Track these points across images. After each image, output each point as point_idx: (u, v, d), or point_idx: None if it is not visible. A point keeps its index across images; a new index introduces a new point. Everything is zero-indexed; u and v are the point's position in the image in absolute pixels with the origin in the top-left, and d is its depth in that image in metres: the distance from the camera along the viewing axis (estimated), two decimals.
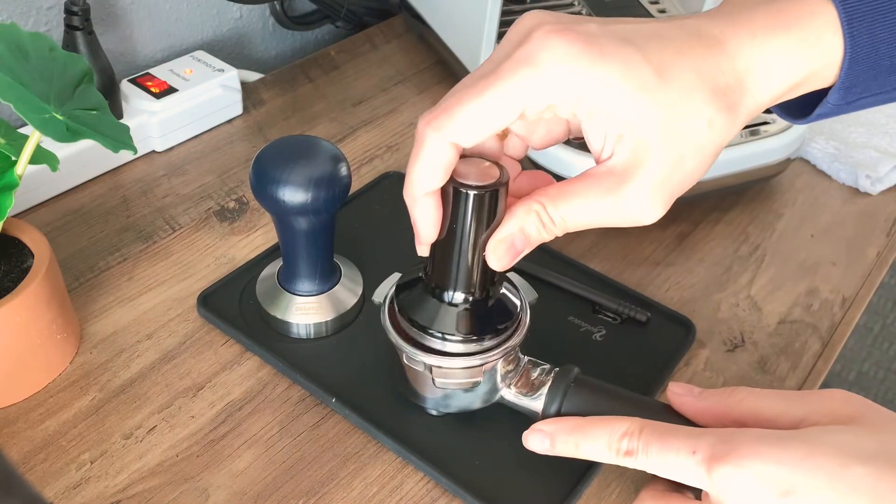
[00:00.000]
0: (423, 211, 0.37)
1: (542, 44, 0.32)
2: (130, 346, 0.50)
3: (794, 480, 0.33)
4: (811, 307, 0.56)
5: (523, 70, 0.32)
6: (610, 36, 0.33)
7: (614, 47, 0.33)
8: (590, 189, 0.34)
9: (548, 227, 0.36)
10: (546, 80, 0.32)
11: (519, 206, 0.36)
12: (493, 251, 0.37)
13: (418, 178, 0.35)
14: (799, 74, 0.35)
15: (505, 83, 0.32)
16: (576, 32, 0.33)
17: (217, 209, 0.61)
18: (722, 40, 0.34)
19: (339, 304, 0.50)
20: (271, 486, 0.43)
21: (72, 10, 0.58)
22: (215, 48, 0.79)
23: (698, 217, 0.63)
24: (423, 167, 0.35)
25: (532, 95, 0.33)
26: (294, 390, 0.48)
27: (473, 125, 0.33)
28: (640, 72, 0.32)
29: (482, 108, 0.33)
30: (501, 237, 0.37)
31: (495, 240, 0.37)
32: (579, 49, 0.32)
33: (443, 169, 0.35)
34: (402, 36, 0.84)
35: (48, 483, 0.43)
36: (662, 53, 0.33)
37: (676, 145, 0.33)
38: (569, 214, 0.35)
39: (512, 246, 0.37)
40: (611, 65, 0.32)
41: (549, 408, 0.42)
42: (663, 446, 0.37)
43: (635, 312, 0.52)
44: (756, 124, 0.62)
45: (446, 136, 0.34)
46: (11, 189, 0.43)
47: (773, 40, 0.34)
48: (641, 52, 0.33)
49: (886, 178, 0.66)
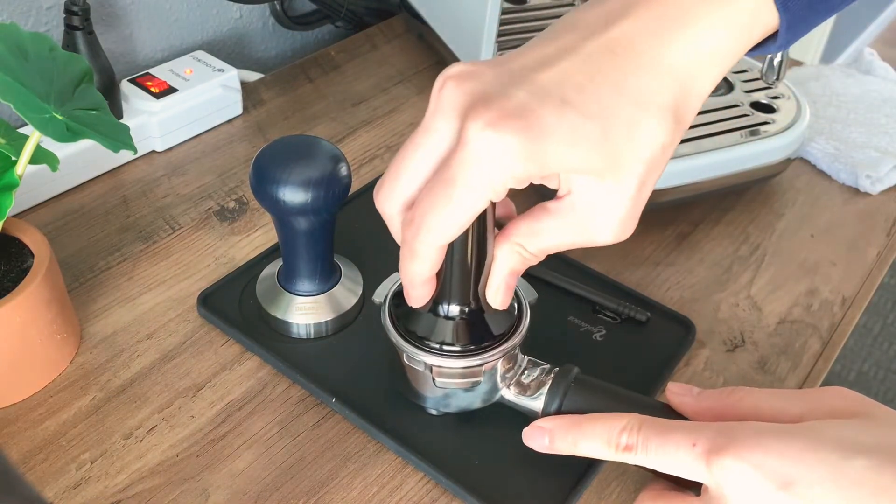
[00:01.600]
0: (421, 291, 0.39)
1: (480, 145, 0.32)
2: (130, 346, 0.50)
3: (795, 473, 0.33)
4: (811, 307, 0.56)
5: (473, 176, 0.32)
6: (542, 99, 0.32)
7: (551, 116, 0.32)
8: (560, 226, 0.35)
9: (528, 260, 0.38)
10: (495, 179, 0.33)
11: (500, 248, 0.37)
12: (495, 295, 0.39)
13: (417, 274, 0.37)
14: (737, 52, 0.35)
15: (463, 191, 0.33)
16: (509, 117, 0.32)
17: (217, 209, 0.61)
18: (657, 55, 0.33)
19: (339, 304, 0.50)
20: (271, 486, 0.43)
21: (72, 10, 0.58)
22: (215, 48, 0.79)
23: (698, 217, 0.63)
24: (421, 268, 0.37)
25: (488, 194, 0.33)
26: (294, 390, 0.48)
27: (452, 230, 0.34)
28: (582, 133, 0.32)
29: (452, 215, 0.34)
30: (499, 282, 0.38)
31: (495, 285, 0.39)
32: (516, 140, 0.32)
33: (435, 263, 0.36)
34: (402, 36, 0.84)
35: (48, 483, 0.43)
36: (600, 97, 0.32)
37: (635, 173, 0.34)
38: (545, 246, 0.37)
39: (508, 286, 0.39)
40: (552, 141, 0.32)
41: (549, 407, 0.42)
42: (663, 440, 0.37)
43: (635, 312, 0.52)
44: (756, 124, 0.62)
45: (434, 245, 0.35)
46: (11, 189, 0.43)
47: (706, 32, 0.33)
48: (578, 109, 0.32)
49: (886, 178, 0.66)
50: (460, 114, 0.33)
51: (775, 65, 0.58)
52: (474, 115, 0.32)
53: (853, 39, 1.93)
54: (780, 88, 0.66)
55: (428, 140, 0.35)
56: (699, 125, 0.61)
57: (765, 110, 0.64)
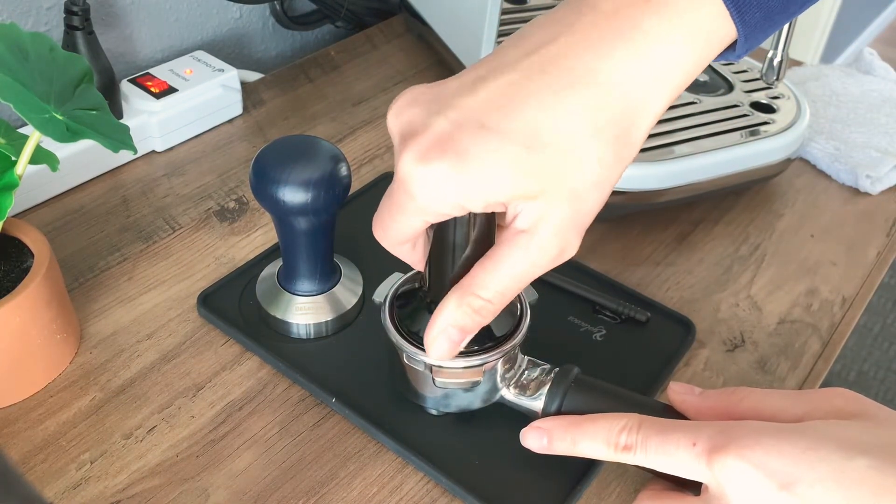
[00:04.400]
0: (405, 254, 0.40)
1: (410, 178, 0.33)
2: (130, 346, 0.50)
3: (796, 472, 0.33)
4: (811, 307, 0.56)
5: (407, 203, 0.34)
6: (462, 126, 0.32)
7: (470, 143, 0.32)
8: (508, 254, 0.35)
9: (484, 312, 0.37)
10: (428, 206, 0.34)
11: (450, 301, 0.37)
12: (432, 347, 0.38)
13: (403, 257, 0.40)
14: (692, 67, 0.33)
15: (400, 213, 0.35)
16: (433, 148, 0.32)
17: (217, 209, 0.61)
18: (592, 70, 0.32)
19: (339, 304, 0.50)
20: (271, 486, 0.43)
21: (72, 10, 0.58)
22: (215, 48, 0.79)
23: (698, 217, 0.63)
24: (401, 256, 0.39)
25: (425, 218, 0.35)
26: (294, 390, 0.48)
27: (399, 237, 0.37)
28: (507, 155, 0.32)
29: (399, 228, 0.36)
30: (435, 335, 0.37)
31: (431, 336, 0.38)
32: (442, 169, 0.32)
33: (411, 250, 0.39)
34: (402, 36, 0.84)
35: (48, 483, 0.43)
36: (522, 118, 0.32)
37: (572, 192, 0.33)
38: (500, 287, 0.36)
39: (451, 341, 0.38)
40: (477, 166, 0.32)
41: (549, 407, 0.42)
42: (662, 440, 0.37)
43: (635, 312, 0.52)
44: (756, 124, 0.62)
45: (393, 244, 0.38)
46: (11, 189, 0.43)
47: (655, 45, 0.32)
48: (497, 132, 0.32)
49: (886, 178, 0.66)
50: (398, 140, 0.34)
51: (775, 65, 0.58)
52: (404, 147, 0.33)
53: (853, 39, 1.93)
54: (780, 88, 0.66)
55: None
56: (699, 125, 0.61)
57: (765, 110, 0.64)
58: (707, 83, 0.66)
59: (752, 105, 0.64)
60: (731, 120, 0.62)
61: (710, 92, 0.65)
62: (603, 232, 0.60)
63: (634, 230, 0.61)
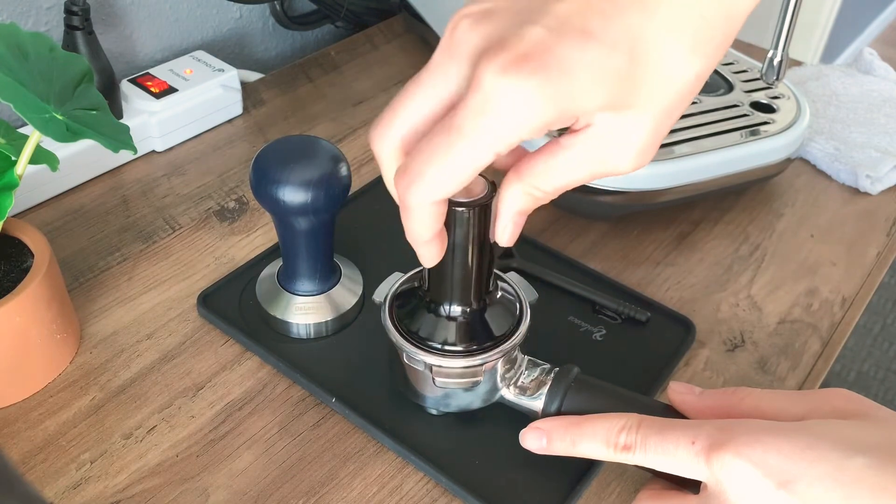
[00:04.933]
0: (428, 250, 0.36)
1: (497, 91, 0.29)
2: (130, 346, 0.50)
3: (795, 470, 0.33)
4: (811, 307, 0.56)
5: (485, 124, 0.30)
6: (562, 33, 0.29)
7: (572, 51, 0.29)
8: (577, 160, 0.32)
9: (540, 198, 0.34)
10: (511, 128, 0.30)
11: (510, 188, 0.34)
12: (503, 233, 0.35)
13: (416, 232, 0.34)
14: None
15: (470, 141, 0.30)
16: (526, 59, 0.29)
17: (217, 209, 0.61)
18: None
19: (339, 304, 0.50)
20: (271, 486, 0.43)
21: (72, 10, 0.58)
22: (215, 48, 0.79)
23: (698, 217, 0.63)
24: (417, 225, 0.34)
25: (500, 145, 0.30)
26: (294, 390, 0.48)
27: (448, 184, 0.32)
28: (610, 67, 0.29)
29: (453, 168, 0.31)
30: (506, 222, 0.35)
31: (502, 225, 0.35)
32: (537, 83, 0.29)
33: (436, 221, 0.34)
34: (402, 36, 0.84)
35: (48, 483, 0.43)
36: (628, 25, 0.29)
37: (662, 103, 0.31)
38: (562, 183, 0.33)
39: (517, 225, 0.35)
40: (577, 80, 0.29)
41: (549, 407, 0.42)
42: (661, 439, 0.37)
43: (635, 312, 0.52)
44: (756, 124, 0.62)
45: (428, 199, 0.32)
46: (11, 189, 0.43)
47: None
48: (602, 39, 0.29)
49: (886, 178, 0.66)
50: (473, 56, 0.30)
51: (775, 65, 0.58)
52: (488, 58, 0.29)
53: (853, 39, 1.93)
54: (780, 88, 0.66)
55: (435, 80, 0.32)
56: (699, 125, 0.61)
57: (765, 110, 0.64)
58: (707, 83, 0.66)
59: (752, 105, 0.64)
60: (731, 120, 0.62)
61: (710, 92, 0.65)
62: (603, 232, 0.60)
63: (634, 230, 0.61)
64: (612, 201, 0.58)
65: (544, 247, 0.57)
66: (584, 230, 0.60)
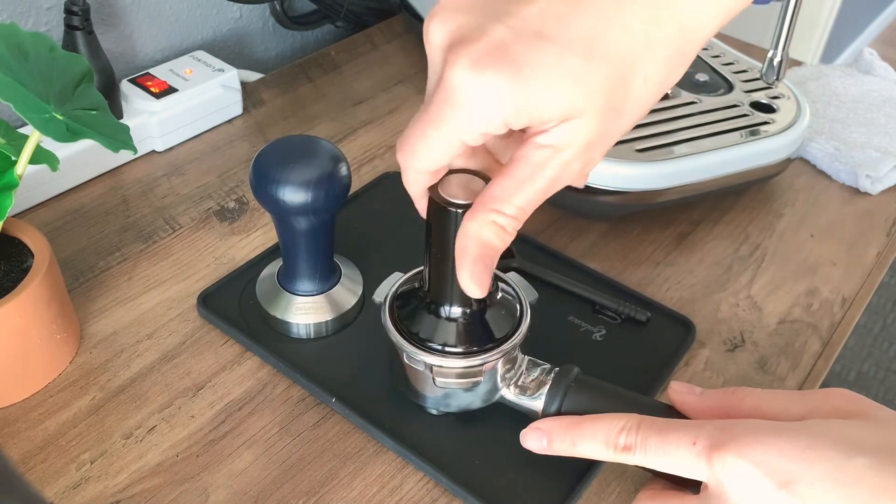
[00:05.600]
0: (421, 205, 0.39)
1: (459, 84, 0.31)
2: (130, 346, 0.50)
3: (796, 471, 0.33)
4: (811, 307, 0.56)
5: (449, 113, 0.32)
6: (520, 34, 0.30)
7: (531, 54, 0.30)
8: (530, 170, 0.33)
9: (509, 227, 0.34)
10: (472, 119, 0.32)
11: (470, 222, 0.34)
12: (468, 279, 0.35)
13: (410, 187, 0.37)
14: None
15: (436, 127, 0.33)
16: (488, 56, 0.30)
17: (217, 209, 0.61)
18: None
19: (339, 304, 0.50)
20: (271, 486, 0.43)
21: (72, 10, 0.58)
22: (215, 48, 0.79)
23: (698, 217, 0.63)
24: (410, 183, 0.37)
25: (464, 133, 0.32)
26: (294, 390, 0.48)
27: (427, 160, 0.35)
28: (566, 67, 0.30)
29: (427, 147, 0.34)
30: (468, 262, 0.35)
31: (466, 269, 0.35)
32: (497, 79, 0.30)
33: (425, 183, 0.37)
34: (402, 36, 0.84)
35: (48, 483, 0.43)
36: (584, 27, 0.31)
37: (611, 109, 0.32)
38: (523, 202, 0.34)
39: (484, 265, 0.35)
40: (534, 78, 0.30)
41: (549, 407, 0.42)
42: (662, 439, 0.37)
43: (635, 312, 0.52)
44: (756, 124, 0.62)
45: (413, 169, 0.36)
46: (11, 189, 0.43)
47: None
48: (557, 42, 0.30)
49: (886, 178, 0.66)
50: (442, 50, 0.32)
51: (775, 65, 0.58)
52: (455, 53, 0.31)
53: (853, 39, 1.93)
54: (780, 88, 0.66)
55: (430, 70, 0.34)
56: (699, 125, 0.61)
57: (765, 110, 0.64)
58: (707, 83, 0.66)
59: (752, 105, 0.64)
60: (731, 120, 0.62)
61: (710, 92, 0.65)
62: (603, 232, 0.60)
63: (634, 230, 0.61)
64: (612, 201, 0.58)
65: (544, 247, 0.57)
66: (584, 230, 0.60)
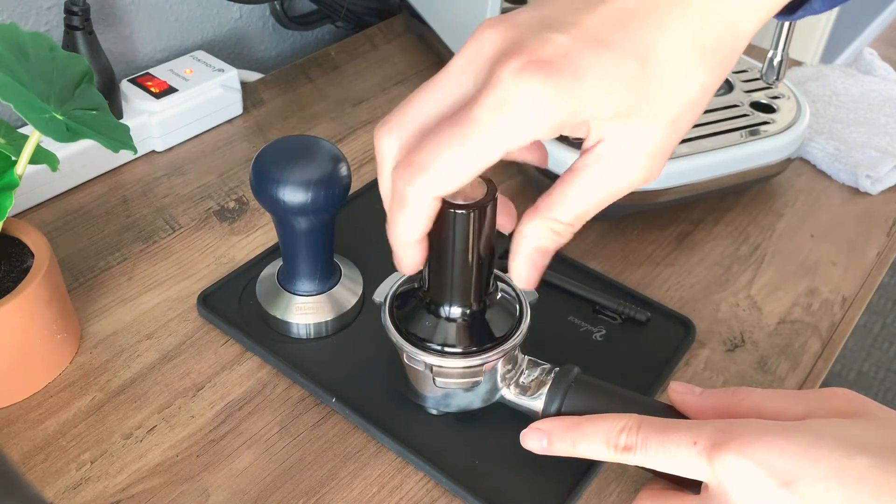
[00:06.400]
0: (410, 255, 0.36)
1: (512, 87, 0.30)
2: (130, 346, 0.50)
3: (797, 470, 0.33)
4: (811, 307, 0.56)
5: (498, 119, 0.31)
6: (578, 41, 0.31)
7: (587, 57, 0.31)
8: (591, 180, 0.33)
9: (563, 233, 0.35)
10: (523, 126, 0.31)
11: (528, 224, 0.35)
12: (518, 274, 0.36)
13: (404, 231, 0.35)
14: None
15: (481, 135, 0.31)
16: (543, 61, 0.30)
17: (217, 209, 0.61)
18: None
19: (339, 304, 0.50)
20: (271, 486, 0.43)
21: (72, 10, 0.58)
22: (215, 48, 0.79)
23: (698, 217, 0.63)
24: (409, 222, 0.34)
25: (511, 142, 0.31)
26: (294, 390, 0.48)
27: (454, 178, 0.32)
28: (620, 73, 0.31)
29: (461, 161, 0.32)
30: (521, 260, 0.35)
31: (517, 262, 0.35)
32: (551, 83, 0.30)
33: (428, 219, 0.34)
34: (402, 36, 0.84)
35: (48, 483, 0.43)
36: (639, 36, 0.31)
37: (669, 113, 0.33)
38: (580, 210, 0.34)
39: (534, 265, 0.36)
40: (588, 84, 0.31)
41: (549, 407, 0.42)
42: (663, 439, 0.37)
43: (635, 312, 0.52)
44: (756, 124, 0.62)
45: (429, 193, 0.33)
46: (11, 189, 0.43)
47: None
48: (615, 48, 0.31)
49: (886, 178, 0.66)
50: (493, 59, 0.32)
51: (775, 65, 0.58)
52: (509, 58, 0.31)
53: (853, 39, 1.93)
54: (780, 88, 0.66)
55: (450, 82, 0.33)
56: (699, 125, 0.61)
57: (765, 110, 0.64)
58: None
59: (752, 105, 0.64)
60: (731, 120, 0.62)
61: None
62: (603, 232, 0.60)
63: (634, 230, 0.61)
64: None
65: None
66: (584, 230, 0.60)
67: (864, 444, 0.34)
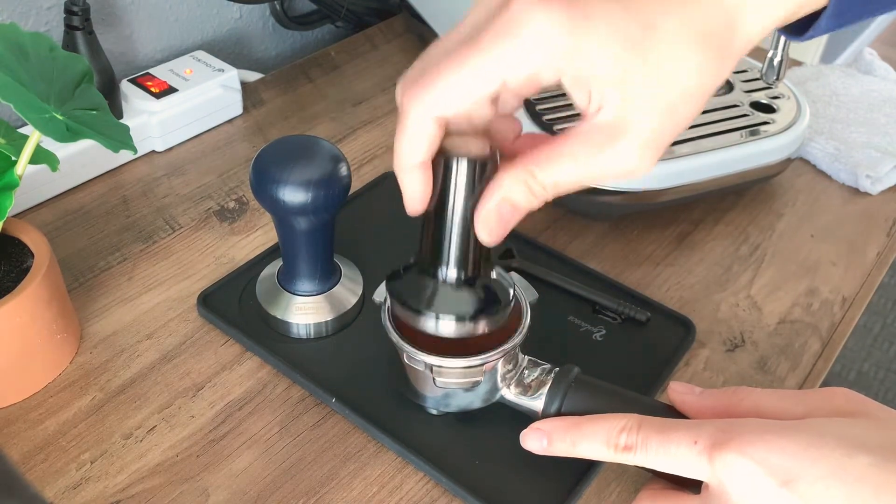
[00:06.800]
0: (412, 181, 0.36)
1: (524, 14, 0.31)
2: (130, 346, 0.50)
3: (798, 469, 0.33)
4: (811, 307, 0.56)
5: (504, 42, 0.31)
6: None
7: (600, 7, 0.31)
8: (580, 148, 0.33)
9: (537, 194, 0.35)
10: (527, 51, 0.31)
11: (505, 174, 0.34)
12: (483, 223, 0.36)
13: (405, 152, 0.35)
14: (790, 7, 0.34)
15: (485, 55, 0.31)
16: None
17: (217, 209, 0.61)
18: None
19: (339, 304, 0.50)
20: (271, 486, 0.43)
21: (72, 10, 0.58)
22: (215, 48, 0.79)
23: (698, 217, 0.63)
24: (409, 141, 0.34)
25: (513, 67, 0.32)
26: (294, 390, 0.48)
27: (454, 98, 0.33)
28: (624, 29, 0.31)
29: (462, 80, 0.32)
30: (490, 208, 0.35)
31: (484, 209, 0.35)
32: (561, 17, 0.31)
33: (428, 141, 0.34)
34: (402, 36, 0.84)
35: (48, 483, 0.43)
36: (647, 14, 0.32)
37: (666, 96, 0.33)
38: (559, 177, 0.34)
39: (501, 217, 0.35)
40: (594, 27, 0.31)
41: (549, 407, 0.42)
42: (663, 439, 0.37)
43: (635, 312, 0.52)
44: (756, 124, 0.62)
45: (429, 111, 0.33)
46: (11, 189, 0.43)
47: None
48: (625, 7, 0.32)
49: (886, 178, 0.66)
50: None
51: (775, 65, 0.58)
52: None
53: (853, 39, 1.93)
54: (780, 88, 0.66)
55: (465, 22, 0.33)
56: (699, 125, 0.61)
57: (765, 110, 0.64)
58: None
59: (752, 105, 0.64)
60: (731, 120, 0.62)
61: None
62: (603, 232, 0.60)
63: (634, 230, 0.61)
64: (612, 201, 0.58)
65: (544, 247, 0.57)
66: (584, 230, 0.60)
67: (865, 444, 0.34)
